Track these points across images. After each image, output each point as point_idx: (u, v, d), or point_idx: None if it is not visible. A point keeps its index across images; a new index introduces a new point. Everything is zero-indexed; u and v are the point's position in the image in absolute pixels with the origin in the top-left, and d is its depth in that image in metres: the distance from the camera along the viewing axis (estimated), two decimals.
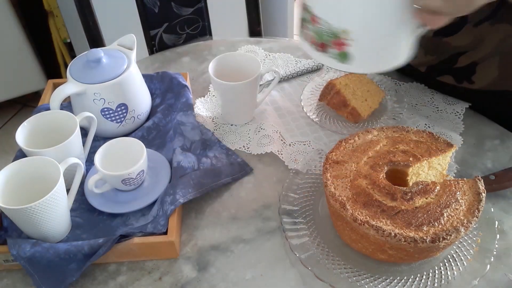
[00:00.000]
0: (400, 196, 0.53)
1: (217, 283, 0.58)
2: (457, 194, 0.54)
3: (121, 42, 0.76)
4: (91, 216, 0.64)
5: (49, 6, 1.72)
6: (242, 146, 0.75)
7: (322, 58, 0.55)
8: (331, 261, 0.57)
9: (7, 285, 0.59)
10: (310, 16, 0.54)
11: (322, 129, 0.76)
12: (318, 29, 0.53)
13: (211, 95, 0.85)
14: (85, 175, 0.68)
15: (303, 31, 0.56)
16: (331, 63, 0.55)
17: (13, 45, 1.72)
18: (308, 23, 0.55)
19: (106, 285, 0.58)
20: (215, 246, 0.62)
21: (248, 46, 0.96)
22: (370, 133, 0.63)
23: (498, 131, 0.75)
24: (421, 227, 0.51)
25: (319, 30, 0.53)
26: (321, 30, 0.53)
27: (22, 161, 0.59)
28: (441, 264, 0.56)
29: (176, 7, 1.11)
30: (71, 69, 0.71)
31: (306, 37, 0.56)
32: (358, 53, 0.53)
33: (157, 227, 0.60)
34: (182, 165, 0.67)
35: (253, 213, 0.65)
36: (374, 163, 0.57)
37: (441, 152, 0.59)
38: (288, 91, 0.85)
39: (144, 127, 0.76)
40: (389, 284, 0.55)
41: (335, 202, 0.54)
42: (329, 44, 0.53)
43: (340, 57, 0.54)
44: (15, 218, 0.56)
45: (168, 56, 0.96)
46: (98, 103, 0.70)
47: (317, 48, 0.55)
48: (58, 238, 0.60)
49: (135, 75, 0.74)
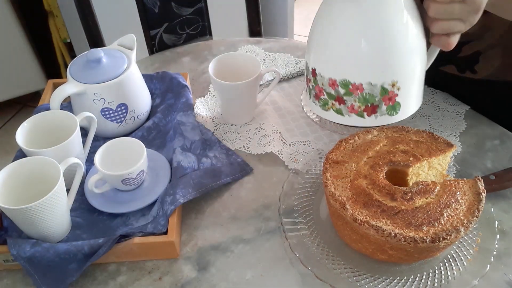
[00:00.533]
0: (400, 196, 0.53)
1: (217, 283, 0.58)
2: (457, 194, 0.54)
3: (121, 42, 0.76)
4: (91, 216, 0.64)
5: (49, 6, 1.72)
6: (242, 146, 0.75)
7: (374, 121, 0.56)
8: (331, 261, 0.57)
9: (7, 285, 0.59)
10: (348, 89, 0.54)
11: (322, 129, 0.76)
12: (363, 95, 0.54)
13: (211, 95, 0.85)
14: (85, 175, 0.68)
15: (334, 107, 0.56)
16: (385, 121, 0.56)
17: (13, 45, 1.72)
18: (346, 95, 0.55)
19: (106, 285, 0.58)
20: (215, 246, 0.62)
21: (248, 46, 0.96)
22: (370, 133, 0.63)
23: (498, 131, 0.75)
24: (421, 227, 0.51)
25: (364, 95, 0.54)
26: (368, 94, 0.53)
27: (22, 161, 0.59)
28: (441, 264, 0.56)
29: (176, 7, 1.11)
30: (71, 69, 0.71)
31: (344, 111, 0.56)
32: (404, 99, 0.54)
33: (157, 227, 0.60)
34: (182, 165, 0.67)
35: (253, 213, 0.65)
36: (374, 163, 0.57)
37: (441, 152, 0.59)
38: (288, 91, 0.85)
39: (144, 127, 0.76)
40: (389, 284, 0.55)
41: (335, 202, 0.54)
42: (380, 103, 0.54)
43: (392, 109, 0.55)
44: (15, 218, 0.56)
45: (168, 56, 0.96)
46: (98, 103, 0.70)
47: (365, 114, 0.56)
48: (58, 238, 0.60)
49: (135, 75, 0.74)
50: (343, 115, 0.57)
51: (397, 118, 0.56)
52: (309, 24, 0.61)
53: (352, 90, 0.54)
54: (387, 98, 0.54)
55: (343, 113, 0.57)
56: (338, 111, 0.57)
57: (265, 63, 0.92)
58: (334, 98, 0.56)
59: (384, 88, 0.53)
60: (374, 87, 0.53)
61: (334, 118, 0.58)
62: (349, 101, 0.55)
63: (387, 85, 0.52)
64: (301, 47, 0.95)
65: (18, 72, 1.79)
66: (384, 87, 0.53)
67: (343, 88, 0.54)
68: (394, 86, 0.52)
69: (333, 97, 0.56)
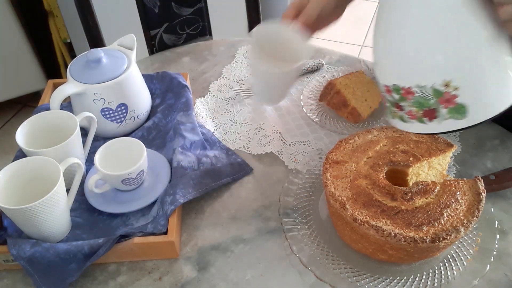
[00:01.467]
0: (400, 196, 0.53)
1: (217, 283, 0.58)
2: (457, 194, 0.54)
3: (121, 42, 0.76)
4: (91, 216, 0.64)
5: (49, 6, 1.72)
6: (242, 146, 0.75)
7: (438, 126, 0.50)
8: (331, 261, 0.57)
9: (7, 285, 0.59)
10: (400, 94, 0.50)
11: (322, 129, 0.76)
12: (416, 100, 0.49)
13: (211, 95, 0.85)
14: (85, 175, 0.68)
15: (397, 115, 0.52)
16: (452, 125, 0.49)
17: (13, 45, 1.72)
18: (401, 101, 0.51)
19: (106, 285, 0.58)
20: (215, 246, 0.62)
21: (248, 46, 0.96)
22: (370, 133, 0.63)
23: (498, 131, 0.75)
24: (421, 227, 0.51)
25: (417, 99, 0.49)
26: (420, 97, 0.49)
27: (22, 161, 0.59)
28: (441, 264, 0.56)
29: (176, 7, 1.11)
30: (71, 69, 0.71)
31: (406, 118, 0.51)
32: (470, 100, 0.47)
33: (157, 227, 0.60)
34: (182, 165, 0.67)
35: (253, 213, 0.65)
36: (374, 163, 0.57)
37: (441, 152, 0.59)
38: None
39: (144, 127, 0.76)
40: (389, 284, 0.55)
41: (335, 202, 0.54)
42: (438, 106, 0.49)
43: (456, 112, 0.48)
44: (15, 218, 0.56)
45: (168, 56, 0.96)
46: (98, 103, 0.70)
47: (427, 120, 0.50)
48: (58, 238, 0.60)
49: (135, 75, 0.74)
50: (405, 122, 0.52)
51: (468, 123, 0.48)
52: None
53: (404, 95, 0.50)
54: (444, 100, 0.48)
55: (405, 120, 0.52)
56: (401, 118, 0.52)
57: None
58: (394, 105, 0.52)
59: (436, 90, 0.47)
60: (424, 89, 0.48)
61: (399, 125, 0.53)
62: (406, 107, 0.51)
63: (438, 86, 0.47)
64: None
65: (18, 72, 1.79)
66: (435, 89, 0.47)
67: (396, 93, 0.50)
68: (448, 86, 0.47)
69: (393, 104, 0.52)
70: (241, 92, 0.84)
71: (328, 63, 0.91)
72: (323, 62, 0.90)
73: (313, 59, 0.91)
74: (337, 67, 0.89)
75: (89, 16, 1.05)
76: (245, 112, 0.81)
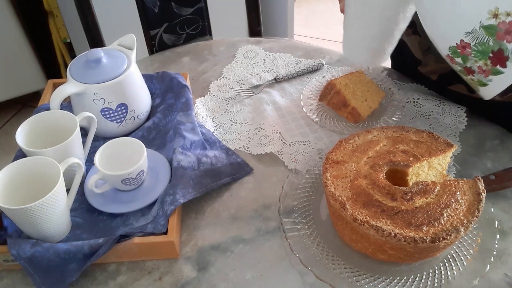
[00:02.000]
0: (400, 196, 0.53)
1: (217, 283, 0.58)
2: (457, 194, 0.54)
3: (121, 42, 0.76)
4: (91, 216, 0.64)
5: (49, 6, 1.72)
6: (242, 146, 0.75)
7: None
8: (331, 261, 0.57)
9: (7, 285, 0.59)
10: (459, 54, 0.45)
11: (322, 129, 0.76)
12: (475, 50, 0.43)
13: (211, 95, 0.85)
14: (85, 175, 0.68)
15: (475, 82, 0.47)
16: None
17: (13, 45, 1.72)
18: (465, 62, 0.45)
19: (106, 285, 0.58)
20: (215, 246, 0.62)
21: (248, 46, 0.96)
22: (370, 133, 0.63)
23: (498, 131, 0.75)
24: (421, 227, 0.51)
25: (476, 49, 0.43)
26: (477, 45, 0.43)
27: (22, 161, 0.59)
28: (441, 264, 0.56)
29: (176, 7, 1.11)
30: (71, 69, 0.71)
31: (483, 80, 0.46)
32: None
33: (157, 227, 0.60)
34: (182, 165, 0.67)
35: (253, 213, 0.65)
36: (374, 163, 0.57)
37: (441, 152, 0.59)
38: (288, 91, 0.85)
39: (144, 127, 0.76)
40: (389, 284, 0.55)
41: (335, 202, 0.54)
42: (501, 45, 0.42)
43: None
44: (15, 218, 0.56)
45: (168, 56, 0.96)
46: (98, 103, 0.70)
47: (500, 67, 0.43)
48: (58, 238, 0.60)
49: (135, 75, 0.74)
50: (486, 84, 0.46)
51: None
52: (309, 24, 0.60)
53: (462, 52, 0.44)
54: (503, 35, 0.40)
55: (484, 82, 0.46)
56: (480, 82, 0.46)
57: (265, 63, 0.92)
58: (465, 73, 0.46)
59: (486, 27, 0.40)
60: (474, 33, 0.42)
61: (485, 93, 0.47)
62: (473, 66, 0.44)
63: (487, 21, 0.40)
64: (301, 47, 0.96)
65: (18, 72, 1.79)
66: (484, 26, 0.40)
67: (457, 56, 0.45)
68: (498, 16, 0.39)
69: (464, 73, 0.46)
70: (241, 92, 0.84)
71: (328, 63, 0.91)
72: (323, 62, 0.90)
73: (313, 59, 0.91)
74: (337, 67, 0.89)
75: (89, 16, 1.05)
76: (245, 112, 0.81)
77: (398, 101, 0.79)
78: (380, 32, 0.63)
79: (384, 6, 0.59)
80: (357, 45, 0.68)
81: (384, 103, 0.79)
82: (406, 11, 0.60)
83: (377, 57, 0.68)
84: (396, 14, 0.60)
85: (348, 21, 0.67)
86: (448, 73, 0.76)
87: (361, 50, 0.69)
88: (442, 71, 0.77)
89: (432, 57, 0.77)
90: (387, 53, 0.68)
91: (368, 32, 0.64)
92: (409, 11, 0.61)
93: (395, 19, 0.60)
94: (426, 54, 0.78)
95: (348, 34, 0.69)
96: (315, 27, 2.44)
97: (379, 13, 0.60)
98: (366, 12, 0.61)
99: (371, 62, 0.70)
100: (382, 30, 0.62)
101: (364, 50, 0.68)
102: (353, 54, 0.70)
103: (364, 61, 0.70)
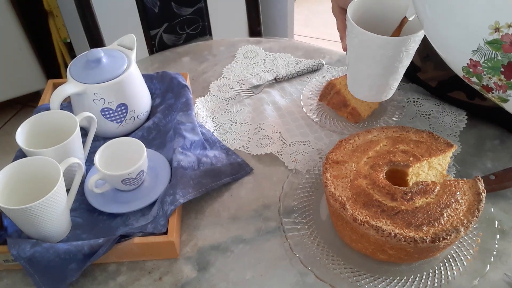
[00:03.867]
0: (400, 196, 0.53)
1: (217, 283, 0.58)
2: (457, 194, 0.54)
3: (121, 42, 0.76)
4: (91, 216, 0.64)
5: (49, 6, 1.72)
6: (242, 146, 0.75)
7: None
8: (331, 261, 0.57)
9: (7, 285, 0.59)
10: (472, 73, 0.44)
11: (322, 129, 0.76)
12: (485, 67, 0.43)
13: (211, 95, 0.85)
14: (85, 175, 0.68)
15: (496, 98, 0.46)
16: None
17: (13, 45, 1.72)
18: (480, 80, 0.45)
19: (106, 285, 0.58)
20: (215, 246, 0.62)
21: (248, 46, 0.96)
22: (370, 133, 0.63)
23: (498, 131, 0.75)
24: (421, 227, 0.51)
25: (486, 65, 0.43)
26: (486, 61, 0.42)
27: (22, 161, 0.59)
28: (441, 264, 0.56)
29: (176, 7, 1.11)
30: (71, 69, 0.71)
31: (503, 95, 0.45)
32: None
33: (157, 227, 0.60)
34: (182, 165, 0.67)
35: (253, 213, 0.65)
36: (374, 163, 0.57)
37: (441, 152, 0.59)
38: (288, 91, 0.85)
39: (144, 127, 0.76)
40: (389, 284, 0.55)
41: (335, 202, 0.54)
42: (510, 58, 0.41)
43: None
44: (15, 218, 0.56)
45: (168, 56, 0.96)
46: (98, 103, 0.70)
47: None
48: (58, 238, 0.60)
49: (135, 75, 0.74)
50: (507, 99, 0.45)
51: None
52: (309, 24, 0.60)
53: (475, 71, 0.43)
54: (509, 47, 0.40)
55: (504, 98, 0.45)
56: (501, 99, 0.45)
57: (265, 63, 0.92)
58: (484, 91, 0.46)
59: (490, 42, 0.40)
60: (481, 50, 0.41)
61: (510, 108, 0.46)
62: (489, 82, 0.44)
63: (490, 36, 0.40)
64: (301, 47, 0.96)
65: (18, 72, 1.79)
66: (489, 41, 0.40)
67: (471, 76, 0.44)
68: (499, 30, 0.39)
69: (484, 91, 0.46)
70: (241, 92, 0.84)
71: (328, 63, 0.91)
72: (323, 62, 0.90)
73: (313, 59, 0.91)
74: (337, 67, 0.89)
75: (89, 16, 1.05)
76: (245, 112, 0.81)
77: (398, 101, 0.79)
78: (384, 69, 0.63)
79: (385, 47, 0.59)
80: (361, 83, 0.69)
81: (384, 103, 0.79)
82: (409, 49, 0.60)
83: (383, 92, 0.69)
84: (398, 54, 0.60)
85: (350, 59, 0.67)
86: (447, 79, 0.76)
87: (366, 87, 0.69)
88: (442, 78, 0.77)
89: (431, 64, 0.77)
90: (393, 88, 0.68)
91: (371, 71, 0.64)
92: (412, 48, 0.61)
93: (398, 57, 0.61)
94: (425, 61, 0.78)
95: (352, 72, 0.69)
96: (315, 27, 2.44)
97: (380, 53, 0.60)
98: (368, 53, 0.62)
99: (378, 98, 0.70)
100: (385, 68, 0.63)
101: (369, 87, 0.68)
102: (358, 91, 0.70)
103: (370, 98, 0.70)
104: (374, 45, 0.60)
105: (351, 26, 0.60)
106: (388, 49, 0.60)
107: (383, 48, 0.60)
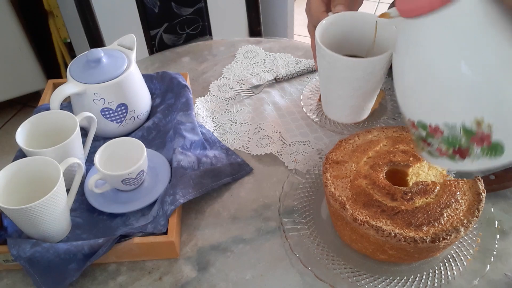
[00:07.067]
0: (400, 196, 0.53)
1: (217, 283, 0.58)
2: (457, 194, 0.54)
3: (121, 42, 0.76)
4: (91, 216, 0.64)
5: (49, 6, 1.72)
6: (242, 146, 0.75)
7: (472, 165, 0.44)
8: (331, 261, 0.57)
9: (7, 285, 0.59)
10: (427, 131, 0.45)
11: (322, 129, 0.76)
12: (445, 138, 0.44)
13: (211, 95, 0.85)
14: (85, 175, 0.68)
15: (425, 150, 0.47)
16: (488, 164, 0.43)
17: (13, 45, 1.72)
18: (429, 138, 0.45)
19: (106, 285, 0.58)
20: (215, 246, 0.62)
21: (248, 46, 0.96)
22: (370, 133, 0.63)
23: None
24: (421, 227, 0.51)
25: (446, 138, 0.44)
26: (449, 136, 0.43)
27: (22, 161, 0.59)
28: (441, 264, 0.56)
29: (176, 7, 1.11)
30: (71, 69, 0.71)
31: (435, 154, 0.46)
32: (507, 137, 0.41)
33: (157, 227, 0.60)
34: (182, 165, 0.67)
35: (253, 213, 0.65)
36: (374, 163, 0.57)
37: None
38: (288, 91, 0.85)
39: (144, 127, 0.76)
40: (389, 284, 0.55)
41: (335, 202, 0.54)
42: (470, 145, 0.42)
43: (491, 151, 0.42)
44: (15, 218, 0.56)
45: (168, 56, 0.96)
46: (98, 103, 0.70)
47: (458, 158, 0.44)
48: (58, 238, 0.60)
49: (135, 75, 0.74)
50: (434, 157, 0.46)
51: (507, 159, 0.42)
52: None
53: (432, 132, 0.44)
54: (477, 139, 0.41)
55: (433, 155, 0.46)
56: (429, 153, 0.47)
57: (265, 63, 0.92)
58: (420, 139, 0.47)
59: (466, 129, 0.41)
60: (453, 128, 0.42)
61: (428, 159, 0.48)
62: (434, 144, 0.45)
63: (470, 124, 0.41)
64: (301, 47, 0.96)
65: (18, 72, 1.79)
66: (466, 128, 0.41)
67: (423, 130, 0.45)
68: (480, 125, 0.40)
69: (420, 138, 0.46)
70: (241, 92, 0.84)
71: None
72: None
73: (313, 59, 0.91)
74: None
75: (89, 16, 1.05)
76: (245, 112, 0.81)
77: None
78: (354, 90, 0.62)
79: (352, 68, 0.59)
80: (333, 104, 0.69)
81: (384, 103, 0.79)
82: (377, 71, 0.59)
83: (356, 113, 0.69)
84: (366, 75, 0.59)
85: (321, 80, 0.66)
86: None
87: (339, 108, 0.68)
88: None
89: None
90: (366, 109, 0.67)
91: (341, 92, 0.64)
92: (380, 69, 0.59)
93: (367, 78, 0.60)
94: None
95: (324, 93, 0.69)
96: None
97: (347, 75, 0.60)
98: (336, 74, 0.61)
99: (351, 118, 0.69)
100: (355, 89, 0.62)
101: (341, 108, 0.68)
102: (331, 112, 0.70)
103: (343, 119, 0.69)
104: (342, 67, 0.59)
105: (319, 46, 0.60)
106: (356, 71, 0.59)
107: (351, 70, 0.59)
